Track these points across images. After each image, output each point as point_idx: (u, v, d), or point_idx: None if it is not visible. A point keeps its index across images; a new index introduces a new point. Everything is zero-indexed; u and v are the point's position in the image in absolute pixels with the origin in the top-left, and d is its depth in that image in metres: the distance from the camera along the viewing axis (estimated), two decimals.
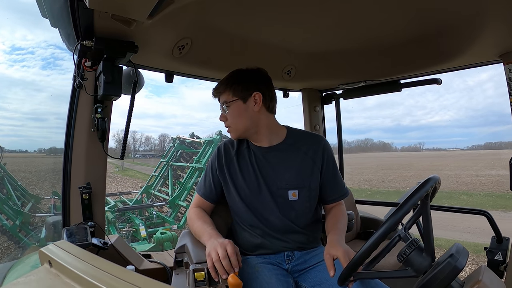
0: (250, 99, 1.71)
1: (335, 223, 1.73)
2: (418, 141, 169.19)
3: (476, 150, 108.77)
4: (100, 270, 0.81)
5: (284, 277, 1.60)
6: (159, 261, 2.23)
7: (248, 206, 1.73)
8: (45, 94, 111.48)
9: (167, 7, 1.50)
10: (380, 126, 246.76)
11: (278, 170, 1.74)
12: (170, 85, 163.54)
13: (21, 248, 7.21)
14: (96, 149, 1.97)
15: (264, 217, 1.72)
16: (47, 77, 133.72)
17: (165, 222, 9.67)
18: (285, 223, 1.71)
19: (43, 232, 7.65)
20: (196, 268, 1.39)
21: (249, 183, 1.74)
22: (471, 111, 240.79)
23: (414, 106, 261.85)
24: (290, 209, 1.72)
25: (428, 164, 41.48)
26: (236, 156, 1.80)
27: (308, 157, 1.76)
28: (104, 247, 1.84)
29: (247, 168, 1.76)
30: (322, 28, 2.06)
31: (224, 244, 1.40)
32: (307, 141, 1.80)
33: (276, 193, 1.72)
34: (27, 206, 9.39)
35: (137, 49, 1.69)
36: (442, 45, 2.11)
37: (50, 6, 1.56)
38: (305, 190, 1.74)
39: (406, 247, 1.24)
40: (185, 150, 12.45)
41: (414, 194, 1.22)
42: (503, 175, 26.22)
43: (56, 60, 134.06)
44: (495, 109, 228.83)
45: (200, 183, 1.88)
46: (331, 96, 3.24)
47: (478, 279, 1.17)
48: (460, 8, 1.73)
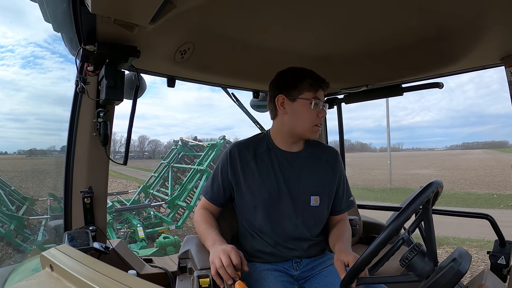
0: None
1: (341, 235, 1.75)
2: (398, 141, 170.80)
3: (454, 150, 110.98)
4: (102, 274, 0.81)
5: (290, 285, 1.59)
6: (161, 266, 2.22)
7: (263, 212, 1.70)
8: (24, 93, 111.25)
9: (169, 12, 1.51)
10: (362, 127, 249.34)
11: (302, 176, 1.74)
12: (152, 85, 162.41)
13: (20, 254, 7.16)
14: (98, 154, 1.97)
15: (279, 223, 1.69)
16: (26, 76, 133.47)
17: (163, 222, 9.62)
18: (301, 231, 1.70)
19: (40, 235, 7.65)
20: (201, 275, 1.38)
21: (269, 187, 1.70)
22: (451, 112, 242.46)
23: (395, 107, 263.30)
24: (309, 216, 1.72)
25: (374, 163, 43.19)
26: (254, 160, 1.74)
27: (329, 166, 1.81)
28: (105, 251, 1.84)
29: (267, 172, 1.72)
30: (324, 33, 2.06)
31: (227, 251, 1.38)
32: (325, 151, 1.85)
33: (298, 198, 1.71)
34: (21, 209, 9.36)
35: (139, 53, 1.69)
36: (443, 48, 2.10)
37: (53, 11, 1.57)
38: (326, 196, 1.76)
39: (408, 251, 1.24)
40: (187, 153, 12.38)
41: (416, 199, 1.22)
42: (422, 174, 28.08)
43: (36, 59, 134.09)
44: (475, 110, 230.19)
45: (207, 187, 1.83)
46: (333, 101, 3.23)
47: (481, 283, 1.17)
48: (461, 11, 1.73)
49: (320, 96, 1.69)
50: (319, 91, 1.69)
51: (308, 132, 1.70)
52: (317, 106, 1.67)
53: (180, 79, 2.37)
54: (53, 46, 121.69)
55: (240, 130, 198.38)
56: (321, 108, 1.68)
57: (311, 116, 1.67)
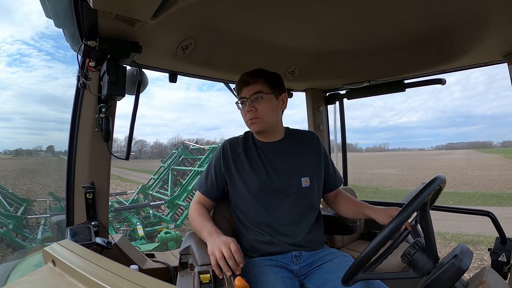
0: (279, 98, 1.85)
1: (356, 201, 1.96)
2: (384, 141, 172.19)
3: (440, 150, 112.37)
4: (104, 269, 0.81)
5: (290, 280, 1.60)
6: (163, 261, 2.23)
7: (258, 201, 1.75)
8: (10, 92, 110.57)
9: (170, 7, 1.51)
10: (349, 127, 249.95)
11: (289, 161, 1.83)
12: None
13: (20, 253, 7.17)
14: (100, 149, 1.98)
15: (274, 211, 1.74)
16: (12, 75, 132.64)
17: (162, 221, 9.65)
18: (296, 213, 1.75)
19: (39, 233, 7.67)
20: (202, 270, 1.39)
21: (260, 176, 1.77)
22: (438, 113, 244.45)
23: (382, 107, 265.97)
24: (303, 197, 1.79)
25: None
26: (244, 153, 1.84)
27: (313, 149, 1.91)
28: (107, 246, 1.85)
29: (256, 163, 1.81)
30: (326, 28, 2.05)
31: (227, 242, 1.40)
32: (306, 136, 1.96)
33: (289, 182, 1.78)
34: (20, 210, 9.37)
35: (141, 49, 1.69)
36: (446, 45, 2.10)
37: (54, 7, 1.56)
38: (315, 177, 1.84)
39: (410, 247, 1.24)
40: (187, 156, 12.41)
41: (419, 195, 1.22)
42: (382, 173, 29.18)
43: (23, 57, 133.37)
44: (461, 110, 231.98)
45: (201, 181, 1.88)
46: (335, 96, 3.23)
47: (482, 280, 1.17)
48: (464, 7, 1.72)
49: (245, 94, 1.79)
50: (243, 89, 1.80)
51: (249, 127, 1.84)
52: (244, 104, 1.80)
53: (182, 74, 2.36)
54: (39, 44, 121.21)
55: (227, 130, 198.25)
56: (248, 104, 1.79)
57: (244, 113, 1.81)
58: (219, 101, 61.48)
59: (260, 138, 1.88)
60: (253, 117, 1.76)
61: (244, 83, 1.79)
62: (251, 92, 1.76)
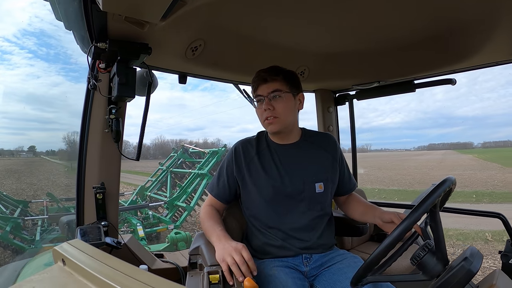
0: (297, 97, 1.80)
1: (366, 204, 1.90)
2: (366, 142, 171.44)
3: (422, 151, 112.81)
4: (113, 269, 0.81)
5: (301, 281, 1.59)
6: (172, 261, 2.24)
7: (270, 206, 1.73)
8: None
9: (179, 9, 1.51)
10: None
11: (304, 165, 1.78)
12: None
13: (19, 254, 7.20)
14: (110, 150, 1.99)
15: (286, 216, 1.73)
16: None
17: (161, 222, 9.64)
18: (308, 219, 1.73)
19: (37, 234, 7.72)
20: (211, 271, 1.39)
21: (273, 180, 1.74)
22: (421, 114, 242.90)
23: (366, 108, 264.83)
24: (316, 202, 1.76)
25: None
26: (257, 156, 1.79)
27: (328, 153, 1.86)
28: (117, 246, 1.86)
29: (270, 167, 1.77)
30: (336, 29, 2.05)
31: (238, 249, 1.39)
32: (323, 139, 1.90)
33: (303, 187, 1.74)
34: (16, 211, 9.37)
35: (151, 50, 1.70)
36: (456, 44, 2.08)
37: (64, 9, 1.58)
38: (329, 182, 1.80)
39: (419, 249, 1.23)
40: (186, 159, 12.35)
41: (429, 196, 1.21)
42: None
43: (4, 54, 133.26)
44: (444, 112, 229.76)
45: (212, 183, 1.87)
46: (344, 97, 3.22)
47: (492, 283, 1.15)
48: (472, 7, 1.70)
49: (262, 91, 1.72)
50: (260, 87, 1.74)
51: (265, 127, 1.79)
52: (261, 102, 1.74)
53: (191, 75, 2.37)
54: (22, 41, 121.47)
55: (211, 131, 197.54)
56: (265, 103, 1.72)
57: (260, 112, 1.75)
58: (203, 102, 61.00)
59: (275, 140, 1.84)
60: (270, 115, 1.70)
61: (262, 80, 1.72)
62: (269, 90, 1.70)
